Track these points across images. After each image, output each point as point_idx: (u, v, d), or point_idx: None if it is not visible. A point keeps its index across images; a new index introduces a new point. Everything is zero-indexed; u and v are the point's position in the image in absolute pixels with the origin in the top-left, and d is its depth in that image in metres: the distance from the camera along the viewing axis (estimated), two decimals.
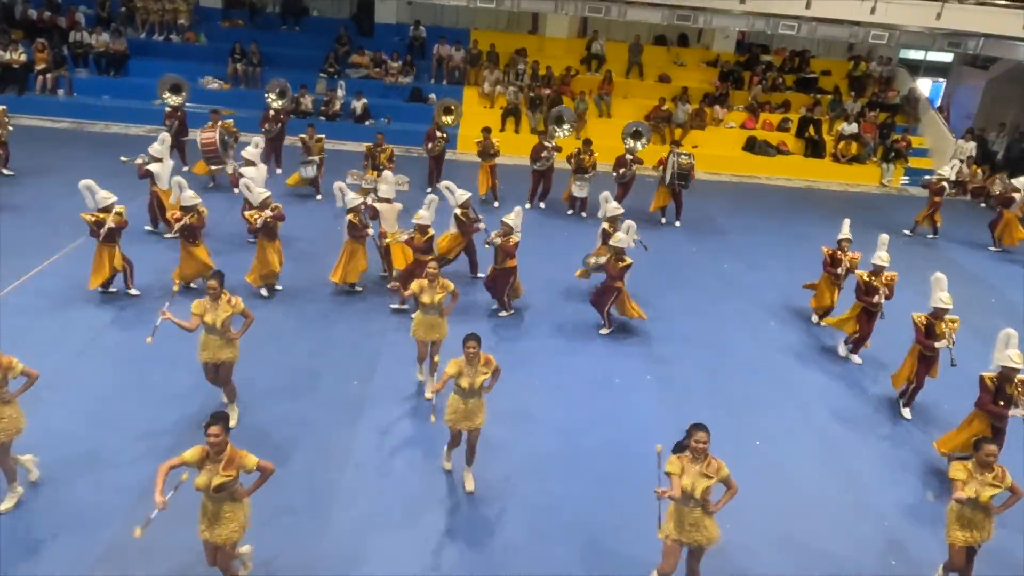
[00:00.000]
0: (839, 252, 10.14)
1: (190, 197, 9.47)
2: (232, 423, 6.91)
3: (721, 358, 9.60)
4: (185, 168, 13.84)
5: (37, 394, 7.46)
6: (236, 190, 11.40)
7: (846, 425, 8.46)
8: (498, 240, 9.54)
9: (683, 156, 14.03)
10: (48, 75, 17.41)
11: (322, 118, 17.62)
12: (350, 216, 9.82)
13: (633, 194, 14.17)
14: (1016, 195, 14.57)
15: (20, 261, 10.15)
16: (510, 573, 6.03)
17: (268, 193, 9.88)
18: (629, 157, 14.02)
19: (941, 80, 23.58)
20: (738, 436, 7.99)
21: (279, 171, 14.42)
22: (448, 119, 15.23)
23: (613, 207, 10.61)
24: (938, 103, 22.12)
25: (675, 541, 5.45)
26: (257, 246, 9.89)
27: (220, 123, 13.41)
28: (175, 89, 14.55)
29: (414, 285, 7.80)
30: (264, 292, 9.95)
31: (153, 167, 11.07)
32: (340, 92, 18.05)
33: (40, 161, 13.40)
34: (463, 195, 10.52)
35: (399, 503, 6.65)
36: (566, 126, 15.61)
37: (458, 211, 10.50)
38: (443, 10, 20.67)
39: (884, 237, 9.71)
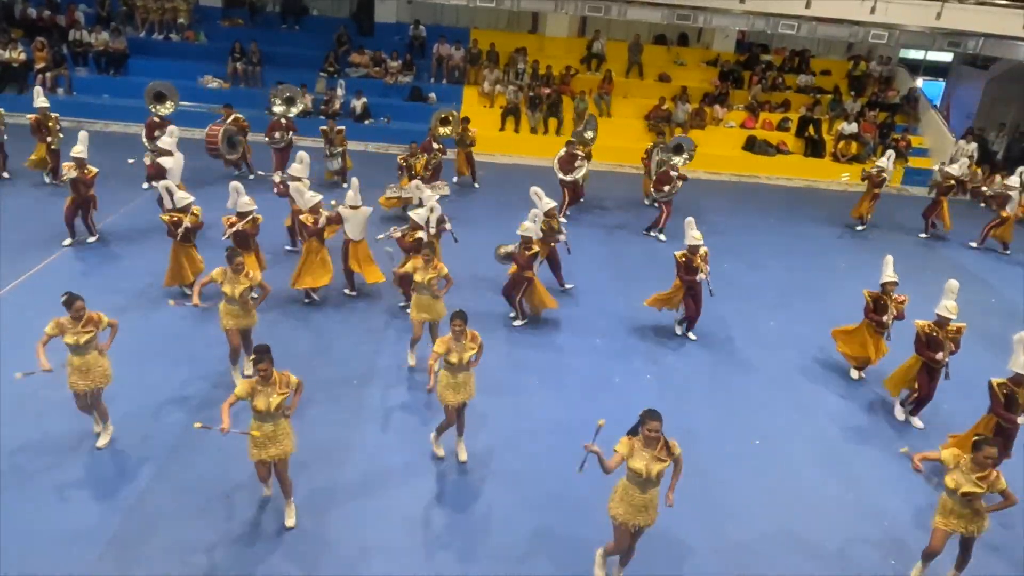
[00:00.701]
0: (884, 296, 8.89)
1: (246, 203, 9.17)
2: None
3: (721, 358, 9.60)
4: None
5: (36, 392, 7.50)
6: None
7: (846, 425, 8.46)
8: (398, 234, 9.48)
9: (667, 156, 14.10)
10: (48, 74, 17.39)
11: (322, 117, 17.59)
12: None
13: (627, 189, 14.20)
14: (952, 183, 14.77)
15: (20, 260, 10.15)
16: (509, 572, 6.03)
17: (320, 197, 9.58)
18: (674, 174, 13.21)
19: (939, 80, 23.55)
20: (738, 436, 8.01)
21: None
22: (445, 130, 14.99)
23: (694, 236, 9.27)
24: (938, 103, 22.10)
25: (623, 523, 5.52)
26: (305, 250, 9.64)
27: (231, 117, 13.41)
28: (159, 98, 13.95)
29: (408, 264, 8.26)
30: (308, 299, 9.88)
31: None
32: (340, 91, 18.04)
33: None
34: (548, 203, 10.33)
35: (399, 502, 6.65)
36: (590, 133, 15.36)
37: (542, 220, 10.31)
38: (443, 9, 20.66)
39: (953, 284, 8.32)
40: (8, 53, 17.29)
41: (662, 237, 13.32)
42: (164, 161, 11.13)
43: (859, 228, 14.89)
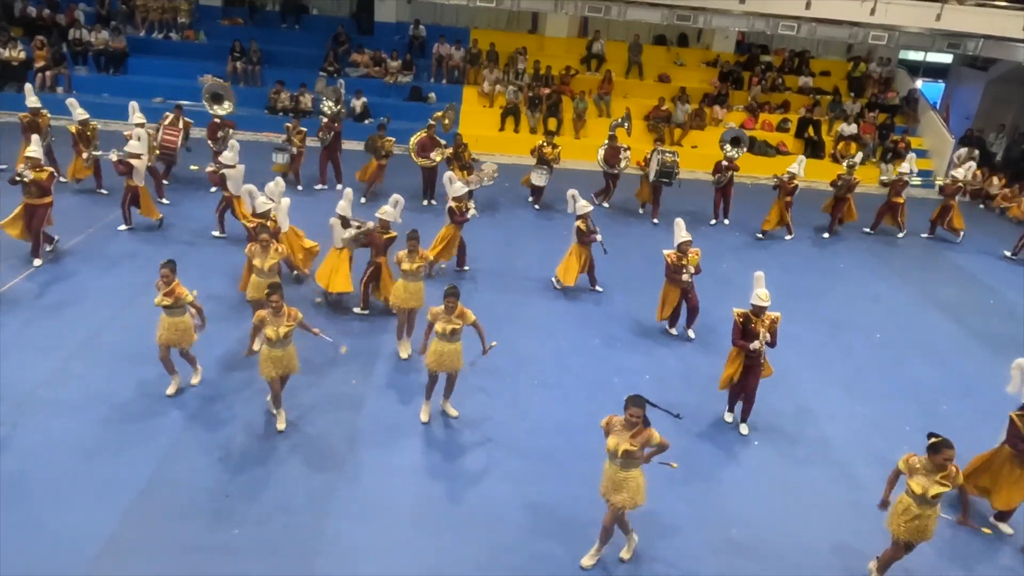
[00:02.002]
0: None
1: (263, 203, 9.46)
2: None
3: (719, 359, 9.55)
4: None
5: (34, 391, 7.50)
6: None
7: (845, 425, 8.46)
8: (367, 225, 9.77)
9: (667, 154, 14.00)
10: (47, 73, 17.38)
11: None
12: (579, 223, 10.46)
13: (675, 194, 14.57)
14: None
15: (19, 258, 10.13)
16: (504, 571, 6.03)
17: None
18: (725, 163, 14.25)
19: (938, 81, 23.56)
20: (737, 436, 8.01)
21: (340, 186, 13.66)
22: (439, 114, 14.74)
23: (759, 295, 7.65)
24: (938, 104, 22.11)
25: (602, 497, 5.87)
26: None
27: (182, 121, 13.23)
28: (216, 99, 13.96)
29: (397, 256, 8.51)
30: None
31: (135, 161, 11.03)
32: (340, 91, 18.02)
33: None
34: (685, 237, 9.64)
35: (398, 501, 6.65)
36: (626, 124, 15.92)
37: (579, 223, 10.46)
38: (443, 9, 20.67)
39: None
40: (7, 52, 17.27)
41: (726, 221, 14.60)
42: (134, 161, 11.13)
43: (787, 237, 14.18)
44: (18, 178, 9.77)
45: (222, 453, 6.99)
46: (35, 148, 10.31)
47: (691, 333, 9.99)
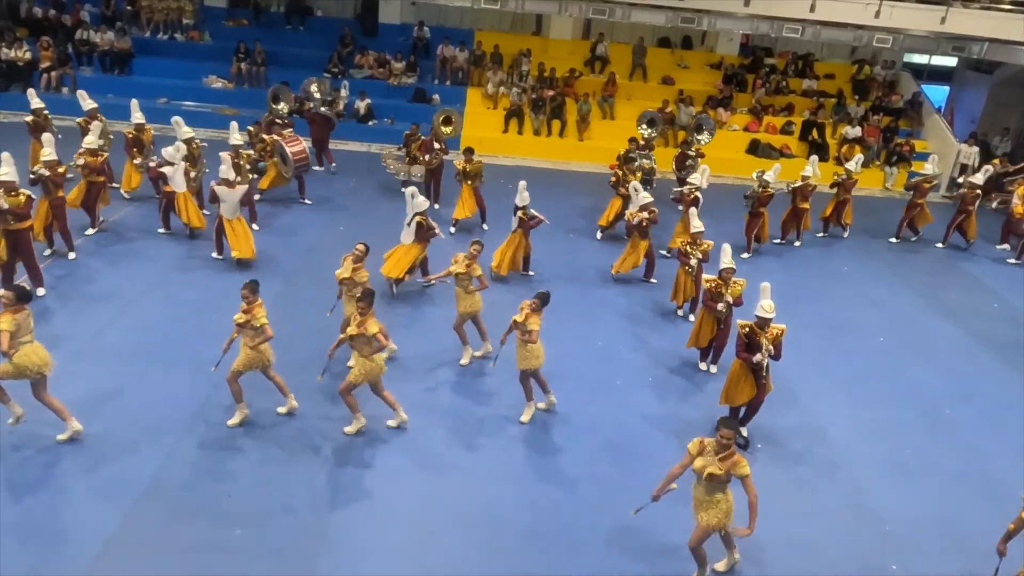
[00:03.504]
0: None
1: (421, 203, 9.74)
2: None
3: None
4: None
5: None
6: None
7: (847, 429, 8.45)
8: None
9: (644, 160, 13.43)
10: (52, 73, 17.45)
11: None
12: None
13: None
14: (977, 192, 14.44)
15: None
16: (506, 573, 6.04)
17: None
18: (691, 152, 14.79)
19: (943, 84, 23.51)
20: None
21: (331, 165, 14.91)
22: (447, 130, 14.84)
23: (764, 306, 7.48)
24: (943, 107, 22.06)
25: (693, 514, 5.85)
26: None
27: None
28: (275, 99, 14.56)
29: (452, 267, 8.65)
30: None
31: (166, 169, 11.02)
32: (344, 92, 18.06)
33: None
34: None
35: (399, 502, 6.66)
36: (705, 134, 15.80)
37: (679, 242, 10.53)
38: (447, 11, 20.68)
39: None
40: (13, 52, 17.35)
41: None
42: (166, 170, 11.12)
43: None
44: None
45: (224, 453, 7.00)
46: (7, 169, 8.82)
47: (712, 368, 9.35)
